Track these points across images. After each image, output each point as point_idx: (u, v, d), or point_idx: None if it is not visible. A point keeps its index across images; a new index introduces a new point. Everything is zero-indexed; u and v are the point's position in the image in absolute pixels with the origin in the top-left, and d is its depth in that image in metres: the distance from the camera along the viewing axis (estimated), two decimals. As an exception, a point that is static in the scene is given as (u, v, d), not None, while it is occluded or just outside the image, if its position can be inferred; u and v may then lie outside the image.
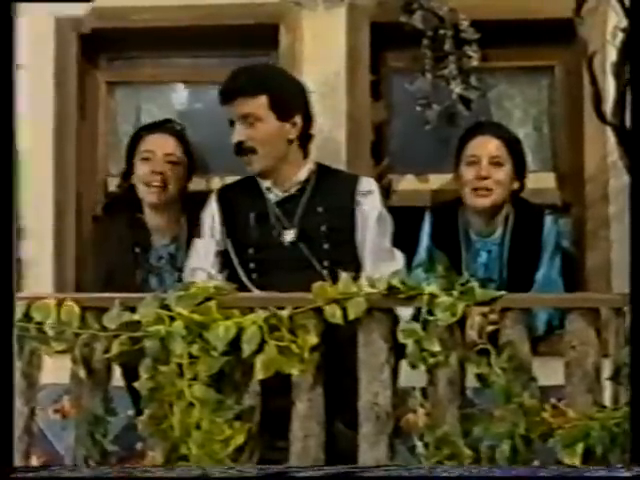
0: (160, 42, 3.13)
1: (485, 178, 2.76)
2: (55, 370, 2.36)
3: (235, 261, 2.56)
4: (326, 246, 2.52)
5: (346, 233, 2.55)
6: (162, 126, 2.93)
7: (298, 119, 2.56)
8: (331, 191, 2.58)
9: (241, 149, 2.53)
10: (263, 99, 2.52)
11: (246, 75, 2.57)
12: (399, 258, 2.58)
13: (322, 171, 2.63)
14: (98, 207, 3.15)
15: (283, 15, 3.04)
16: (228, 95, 2.54)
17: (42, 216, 3.02)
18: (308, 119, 2.60)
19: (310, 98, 2.63)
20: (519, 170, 2.82)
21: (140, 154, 2.85)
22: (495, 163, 2.78)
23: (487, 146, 2.79)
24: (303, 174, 2.59)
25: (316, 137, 2.68)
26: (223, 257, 2.60)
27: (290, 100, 2.56)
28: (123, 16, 3.08)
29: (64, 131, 3.07)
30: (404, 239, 2.69)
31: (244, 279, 2.52)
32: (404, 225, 2.72)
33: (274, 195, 2.59)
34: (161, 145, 2.85)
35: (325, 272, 2.45)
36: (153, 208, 2.86)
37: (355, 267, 2.46)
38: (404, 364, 2.16)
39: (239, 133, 2.52)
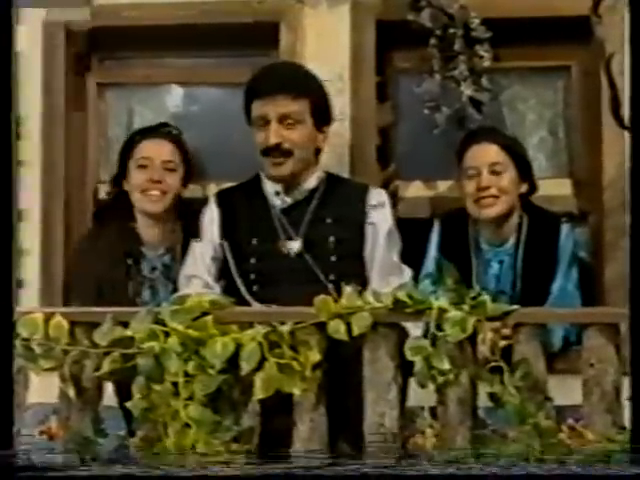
0: (154, 41, 3.14)
1: (487, 188, 2.76)
2: (42, 389, 2.36)
3: (234, 271, 2.56)
4: (333, 258, 2.53)
5: (354, 246, 2.56)
6: (158, 131, 2.92)
7: (327, 129, 2.62)
8: (340, 201, 2.60)
9: (275, 150, 2.53)
10: (306, 103, 2.55)
11: (291, 73, 2.62)
12: (407, 274, 2.59)
13: (331, 180, 2.65)
14: (87, 216, 3.17)
15: (284, 13, 3.06)
16: (269, 89, 2.53)
17: (28, 225, 3.03)
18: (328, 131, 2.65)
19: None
20: (524, 172, 2.83)
21: (136, 161, 2.85)
22: (495, 171, 2.78)
23: (485, 155, 2.79)
24: (312, 182, 2.61)
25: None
26: (221, 265, 2.60)
27: (327, 109, 2.62)
28: (114, 13, 3.10)
29: (52, 135, 3.09)
30: (411, 249, 2.70)
31: (243, 291, 2.52)
32: (411, 234, 2.73)
33: (280, 201, 2.59)
34: (158, 152, 2.85)
35: (331, 286, 2.44)
36: (149, 217, 2.86)
37: (362, 282, 2.47)
38: (412, 382, 2.17)
39: (277, 134, 2.52)
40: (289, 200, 2.60)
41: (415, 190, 3.15)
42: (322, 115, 2.60)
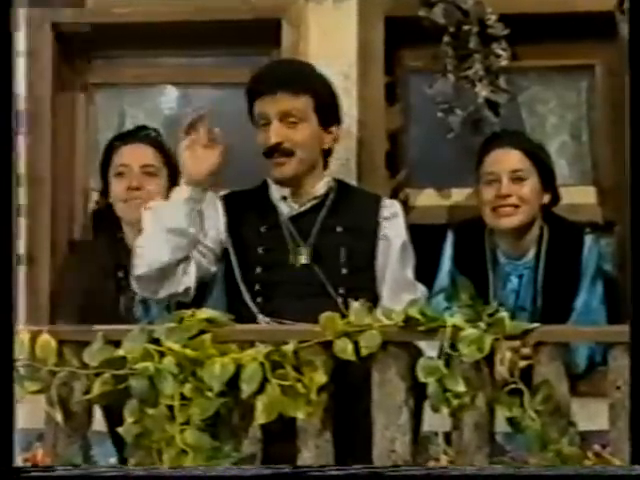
0: (146, 39, 3.17)
1: (507, 196, 2.77)
2: (26, 413, 2.37)
3: (239, 278, 2.55)
4: (344, 270, 2.53)
5: (366, 258, 2.57)
6: (136, 135, 2.95)
7: (335, 129, 2.63)
8: (351, 210, 2.61)
9: (276, 151, 2.54)
10: (309, 100, 2.56)
11: (291, 69, 2.65)
12: (421, 291, 2.60)
13: (341, 187, 2.66)
14: (76, 226, 3.18)
15: (286, 9, 3.08)
16: (268, 86, 2.55)
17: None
18: (338, 132, 2.66)
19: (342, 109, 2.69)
20: (547, 181, 2.84)
21: (114, 169, 2.88)
22: (517, 178, 2.79)
23: (506, 160, 2.80)
24: (322, 188, 2.62)
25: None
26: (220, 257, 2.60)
27: (333, 107, 2.63)
28: (105, 10, 3.13)
29: (37, 140, 3.11)
30: (423, 262, 2.71)
31: (247, 299, 2.53)
32: (423, 246, 2.74)
33: (288, 208, 2.60)
34: (137, 157, 2.88)
35: (340, 300, 2.45)
36: (135, 227, 2.88)
37: (372, 296, 2.47)
38: (425, 406, 2.18)
39: (277, 133, 2.53)
40: (297, 207, 2.60)
41: (427, 199, 3.17)
42: (328, 113, 2.60)
